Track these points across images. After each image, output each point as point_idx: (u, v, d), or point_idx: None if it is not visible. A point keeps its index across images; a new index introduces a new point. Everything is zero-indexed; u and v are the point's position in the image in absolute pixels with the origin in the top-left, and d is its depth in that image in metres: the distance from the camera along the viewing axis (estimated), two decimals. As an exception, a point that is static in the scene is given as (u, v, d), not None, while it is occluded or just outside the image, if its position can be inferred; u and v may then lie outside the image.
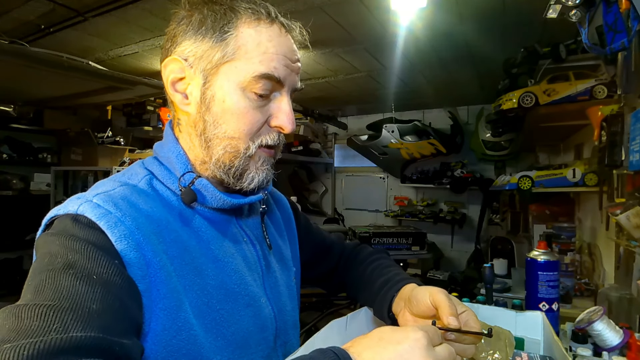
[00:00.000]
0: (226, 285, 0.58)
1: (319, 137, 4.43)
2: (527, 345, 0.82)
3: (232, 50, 0.56)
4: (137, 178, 0.59)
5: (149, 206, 0.54)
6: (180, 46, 0.58)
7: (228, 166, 0.59)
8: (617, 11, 1.05)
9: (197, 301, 0.53)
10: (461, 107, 3.99)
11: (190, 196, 0.58)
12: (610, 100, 1.82)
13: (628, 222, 1.33)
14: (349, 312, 0.75)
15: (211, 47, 0.56)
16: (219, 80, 0.57)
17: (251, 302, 0.60)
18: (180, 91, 0.59)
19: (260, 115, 0.58)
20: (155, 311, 0.49)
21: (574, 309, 1.81)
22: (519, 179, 2.36)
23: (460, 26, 2.07)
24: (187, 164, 0.60)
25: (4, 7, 1.90)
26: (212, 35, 0.56)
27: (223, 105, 0.57)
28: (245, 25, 0.56)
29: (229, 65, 0.56)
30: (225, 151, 0.58)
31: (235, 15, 0.56)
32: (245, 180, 0.60)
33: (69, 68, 2.17)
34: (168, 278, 0.50)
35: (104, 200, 0.50)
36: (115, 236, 0.47)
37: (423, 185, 4.09)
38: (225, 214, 0.63)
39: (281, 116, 0.59)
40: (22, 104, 3.55)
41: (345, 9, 1.91)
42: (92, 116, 3.99)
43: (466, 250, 3.91)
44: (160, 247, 0.51)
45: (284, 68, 0.58)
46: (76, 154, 3.72)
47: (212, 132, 0.58)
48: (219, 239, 0.60)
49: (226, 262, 0.59)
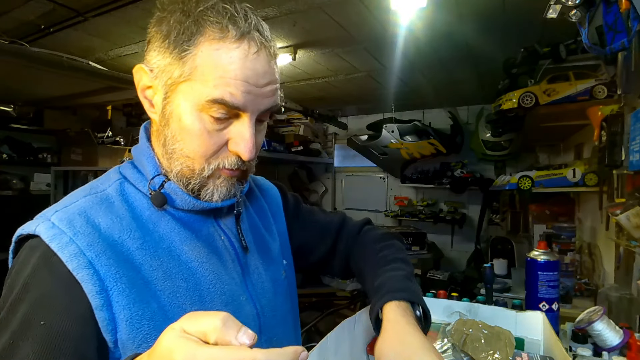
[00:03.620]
0: (200, 287, 0.57)
1: (319, 137, 4.42)
2: (527, 345, 0.82)
3: (189, 69, 0.53)
4: (108, 183, 0.60)
5: (109, 219, 0.55)
6: (149, 54, 0.57)
7: (186, 182, 0.58)
8: (617, 11, 1.05)
9: (170, 305, 0.54)
10: (461, 107, 3.98)
11: (159, 199, 0.58)
12: (610, 100, 1.82)
13: (628, 222, 1.33)
14: (350, 312, 0.76)
15: (170, 63, 0.54)
16: (177, 98, 0.55)
17: (229, 301, 0.60)
18: (148, 98, 0.59)
19: (216, 138, 0.56)
20: (118, 322, 0.50)
21: (574, 309, 1.81)
22: (519, 179, 2.36)
23: (460, 26, 2.07)
24: (157, 167, 0.60)
25: (4, 7, 1.90)
26: (172, 50, 0.54)
27: (180, 123, 0.55)
28: (207, 44, 0.52)
29: (186, 85, 0.54)
30: (182, 167, 0.58)
31: (198, 30, 0.53)
32: (204, 195, 0.59)
33: (69, 68, 2.17)
34: (129, 288, 0.51)
35: (59, 219, 0.52)
36: (65, 256, 0.49)
37: (423, 185, 4.09)
38: (201, 214, 0.62)
39: (239, 142, 0.56)
40: (22, 104, 3.55)
41: (345, 9, 1.91)
42: (92, 116, 3.99)
43: (466, 250, 3.91)
44: (120, 258, 0.52)
45: (243, 94, 0.53)
46: (76, 154, 3.72)
47: (171, 147, 0.57)
48: (192, 239, 0.60)
49: (200, 263, 0.59)
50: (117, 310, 0.50)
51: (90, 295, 0.49)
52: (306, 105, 3.93)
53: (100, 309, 0.49)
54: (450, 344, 0.76)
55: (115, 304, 0.50)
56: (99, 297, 0.49)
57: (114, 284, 0.50)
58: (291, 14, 1.91)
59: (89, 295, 0.49)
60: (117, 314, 0.50)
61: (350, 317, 0.74)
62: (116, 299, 0.50)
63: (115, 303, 0.50)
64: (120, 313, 0.50)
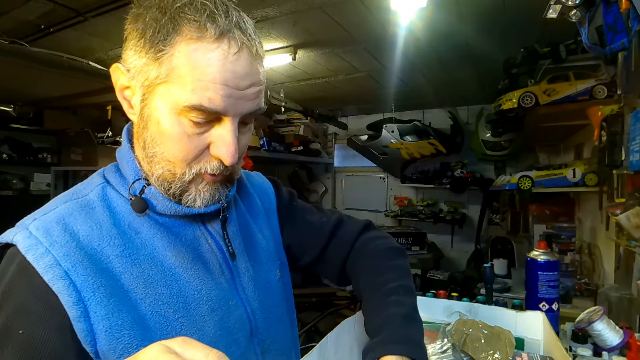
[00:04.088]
0: (184, 293, 0.56)
1: (319, 137, 4.42)
2: (527, 345, 0.82)
3: (165, 71, 0.50)
4: (90, 188, 0.59)
5: (88, 226, 0.53)
6: (125, 52, 0.54)
7: (167, 186, 0.56)
8: (617, 11, 1.05)
9: (152, 313, 0.53)
10: (461, 107, 3.98)
11: (140, 205, 0.56)
12: (610, 100, 1.82)
13: (628, 222, 1.33)
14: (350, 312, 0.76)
15: (147, 64, 0.51)
16: (155, 101, 0.52)
17: (216, 307, 0.58)
18: (127, 98, 0.57)
19: (197, 142, 0.53)
20: (97, 333, 0.49)
21: (574, 309, 1.81)
22: (519, 179, 2.36)
23: (460, 26, 2.07)
24: (138, 171, 0.58)
25: (4, 7, 1.90)
26: (148, 49, 0.50)
27: (158, 127, 0.53)
28: (184, 44, 0.49)
29: (163, 87, 0.51)
30: (164, 171, 0.55)
31: (174, 29, 0.49)
32: (186, 200, 0.57)
33: (69, 68, 2.17)
34: (107, 298, 0.50)
35: (37, 227, 0.51)
36: (41, 268, 0.48)
37: (423, 185, 4.09)
38: (186, 218, 0.60)
39: (221, 147, 0.53)
40: (22, 104, 3.56)
41: (345, 9, 1.91)
42: (92, 116, 4.00)
43: (466, 250, 3.91)
44: (98, 267, 0.51)
45: (223, 98, 0.50)
46: (76, 154, 3.73)
47: (151, 150, 0.55)
48: (175, 244, 0.57)
49: (184, 269, 0.57)
50: (95, 321, 0.49)
51: (67, 306, 0.48)
52: (306, 105, 3.93)
53: (78, 320, 0.48)
54: (450, 344, 0.76)
55: (93, 315, 0.49)
56: (75, 308, 0.48)
57: (91, 294, 0.49)
58: (291, 14, 1.91)
59: (66, 306, 0.48)
60: (95, 324, 0.49)
61: (350, 317, 0.74)
62: (94, 309, 0.49)
63: (93, 314, 0.49)
64: (98, 324, 0.49)
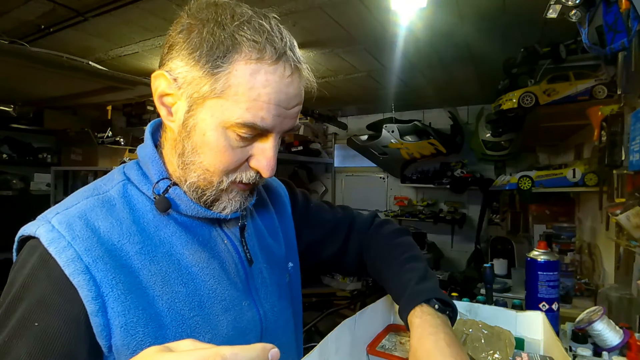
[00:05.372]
0: (200, 292, 0.57)
1: (319, 137, 4.42)
2: (527, 345, 0.82)
3: (221, 87, 0.51)
4: (111, 184, 0.59)
5: (109, 222, 0.54)
6: (173, 61, 0.55)
7: (200, 193, 0.58)
8: (617, 11, 1.05)
9: (168, 311, 0.54)
10: (461, 107, 3.99)
11: (163, 204, 0.57)
12: (610, 100, 1.82)
13: (628, 222, 1.33)
14: (350, 312, 0.76)
15: (201, 77, 0.52)
16: (203, 113, 0.54)
17: (229, 307, 0.60)
18: (166, 105, 0.57)
19: (240, 155, 0.56)
20: (112, 328, 0.50)
21: (574, 309, 1.81)
22: (519, 179, 2.36)
23: (460, 26, 2.07)
24: (163, 171, 0.59)
25: (4, 7, 1.90)
26: (204, 64, 0.51)
27: (203, 137, 0.54)
28: (242, 63, 0.51)
29: (215, 101, 0.52)
30: (199, 179, 0.57)
31: (235, 48, 0.51)
32: (216, 208, 0.60)
33: (69, 68, 2.17)
34: (125, 294, 0.51)
35: (59, 221, 0.51)
36: (62, 261, 0.49)
37: (423, 185, 4.09)
38: (205, 220, 0.62)
39: (262, 160, 0.57)
40: (22, 104, 3.56)
41: (345, 9, 1.91)
42: (92, 116, 4.00)
43: (466, 250, 3.91)
44: (117, 263, 0.52)
45: (274, 117, 0.53)
46: (76, 154, 3.72)
47: (190, 159, 0.56)
48: (193, 244, 0.59)
49: (201, 268, 0.58)
50: (112, 316, 0.50)
51: (86, 300, 0.49)
52: (306, 105, 3.92)
53: (95, 315, 0.49)
54: (450, 344, 0.75)
55: (111, 310, 0.50)
56: (94, 303, 0.49)
57: (110, 290, 0.50)
58: (291, 14, 1.91)
59: (85, 301, 0.49)
60: (112, 320, 0.50)
61: (350, 317, 0.74)
62: (112, 305, 0.50)
63: (110, 309, 0.50)
64: (115, 319, 0.50)
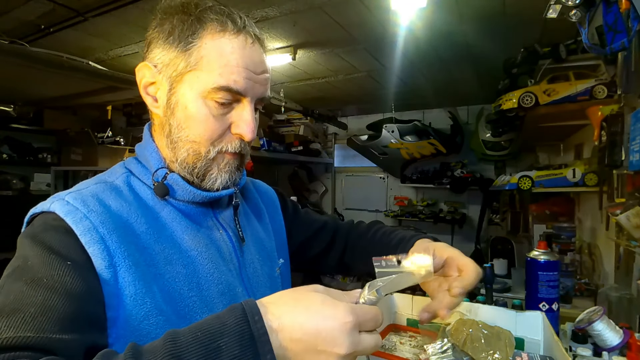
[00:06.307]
0: (198, 274, 0.61)
1: (319, 137, 4.42)
2: (527, 345, 0.82)
3: (194, 60, 0.58)
4: (115, 176, 0.65)
5: (119, 203, 0.59)
6: (151, 53, 0.62)
7: (191, 167, 0.63)
8: (617, 11, 1.05)
9: (168, 288, 0.57)
10: (461, 107, 3.98)
11: (162, 190, 0.62)
12: (610, 100, 1.82)
13: (628, 222, 1.33)
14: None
15: (176, 56, 0.59)
16: (183, 88, 0.60)
17: (225, 291, 0.63)
18: (151, 94, 0.64)
19: (221, 122, 0.61)
20: (122, 298, 0.53)
21: (574, 309, 1.81)
22: (519, 179, 2.36)
23: (460, 26, 2.07)
24: (161, 161, 0.65)
25: (4, 7, 1.90)
26: (177, 44, 0.59)
27: (186, 111, 0.60)
28: (209, 37, 0.59)
29: (192, 74, 0.59)
30: (188, 153, 0.62)
31: (201, 25, 0.59)
32: (208, 180, 0.64)
33: (69, 68, 2.17)
34: (135, 267, 0.54)
35: (74, 198, 0.56)
36: (79, 230, 0.52)
37: (423, 185, 4.09)
38: (201, 206, 0.66)
39: (242, 125, 0.62)
40: (22, 104, 3.55)
41: (345, 9, 1.91)
42: (92, 116, 3.99)
43: (466, 250, 3.88)
44: (127, 239, 0.56)
45: (245, 80, 0.60)
46: (76, 154, 3.72)
47: (177, 135, 0.62)
48: (191, 229, 0.63)
49: (199, 252, 0.62)
50: (123, 285, 0.53)
51: (99, 269, 0.52)
52: (306, 105, 3.93)
53: (107, 284, 0.52)
54: (450, 344, 0.76)
55: (122, 280, 0.53)
56: (107, 272, 0.52)
57: (122, 260, 0.53)
58: (291, 14, 1.91)
59: (98, 269, 0.51)
60: (122, 289, 0.53)
61: None
62: (123, 275, 0.53)
63: (121, 279, 0.53)
64: (125, 289, 0.53)
